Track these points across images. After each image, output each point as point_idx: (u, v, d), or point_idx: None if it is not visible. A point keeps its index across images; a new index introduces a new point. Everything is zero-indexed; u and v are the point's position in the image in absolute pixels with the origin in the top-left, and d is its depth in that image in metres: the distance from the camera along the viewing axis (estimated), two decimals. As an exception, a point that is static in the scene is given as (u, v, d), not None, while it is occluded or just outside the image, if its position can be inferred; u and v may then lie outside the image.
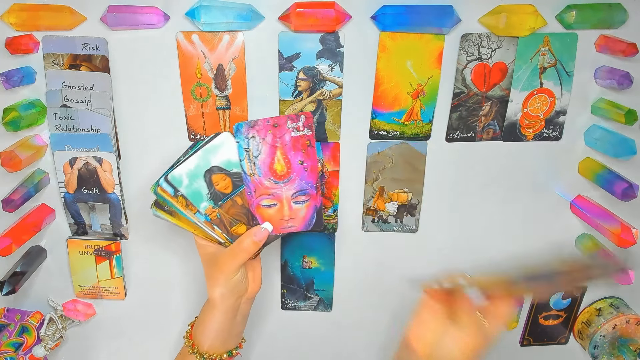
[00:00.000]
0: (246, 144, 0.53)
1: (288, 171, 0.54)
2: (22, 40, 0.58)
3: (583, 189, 0.70)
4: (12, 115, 0.58)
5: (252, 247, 0.54)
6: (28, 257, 0.67)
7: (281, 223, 0.56)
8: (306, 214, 0.57)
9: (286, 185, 0.55)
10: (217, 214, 0.55)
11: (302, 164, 0.54)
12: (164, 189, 0.53)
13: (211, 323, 0.56)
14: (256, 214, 0.56)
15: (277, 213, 0.56)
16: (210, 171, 0.53)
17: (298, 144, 0.54)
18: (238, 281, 0.55)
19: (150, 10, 0.58)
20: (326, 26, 0.58)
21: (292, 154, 0.54)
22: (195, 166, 0.53)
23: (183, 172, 0.53)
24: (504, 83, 0.63)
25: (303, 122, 0.53)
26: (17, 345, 0.67)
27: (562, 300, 0.77)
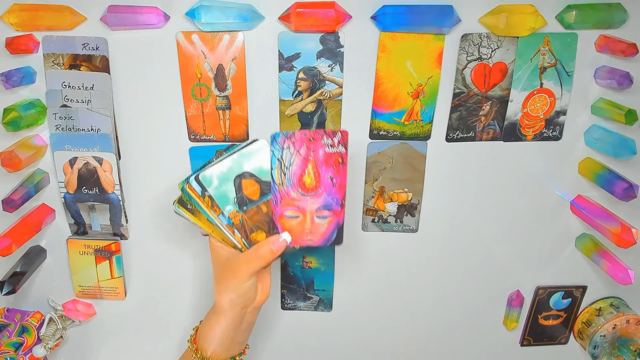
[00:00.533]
0: (280, 153, 0.53)
1: (316, 185, 0.54)
2: (22, 40, 0.58)
3: (583, 189, 0.70)
4: (12, 115, 0.58)
5: (269, 255, 0.54)
6: (28, 257, 0.67)
7: (301, 236, 0.56)
8: (327, 229, 0.56)
9: (312, 199, 0.55)
10: (240, 219, 0.55)
11: (331, 179, 0.54)
12: (192, 187, 0.53)
13: (216, 329, 0.55)
14: (278, 223, 0.55)
15: (299, 225, 0.56)
16: (241, 176, 0.54)
17: (330, 160, 0.54)
18: (248, 289, 0.55)
19: (150, 10, 0.58)
20: (326, 26, 0.58)
21: (323, 169, 0.54)
22: (227, 169, 0.53)
23: (215, 173, 0.53)
24: (504, 83, 0.63)
25: (339, 139, 0.53)
26: (17, 345, 0.67)
27: (562, 300, 0.77)
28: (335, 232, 0.57)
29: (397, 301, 0.76)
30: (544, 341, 0.81)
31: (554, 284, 0.76)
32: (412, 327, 0.79)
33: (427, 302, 0.77)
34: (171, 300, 0.75)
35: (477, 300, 0.77)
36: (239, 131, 0.64)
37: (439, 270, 0.75)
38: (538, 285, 0.76)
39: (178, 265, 0.72)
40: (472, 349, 0.82)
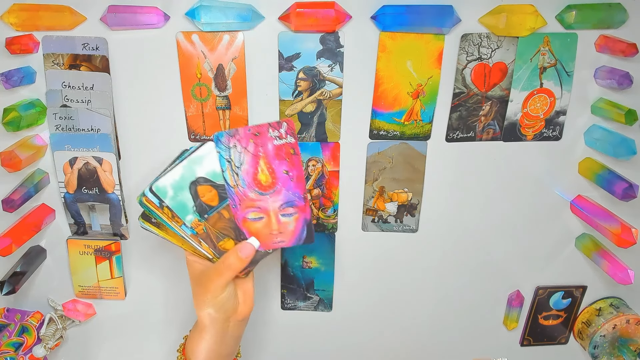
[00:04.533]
0: (227, 154, 0.50)
1: (273, 181, 0.51)
2: (22, 40, 0.58)
3: (583, 189, 0.70)
4: (12, 115, 0.58)
5: (238, 263, 0.51)
6: (28, 257, 0.67)
7: (270, 238, 0.53)
8: (295, 227, 0.53)
9: (272, 197, 0.52)
10: (203, 228, 0.52)
11: (287, 173, 0.51)
12: (149, 200, 0.50)
13: (201, 345, 0.54)
14: (243, 228, 0.53)
15: (265, 227, 0.53)
16: (195, 182, 0.50)
17: (282, 153, 0.51)
18: (225, 300, 0.53)
19: (150, 10, 0.58)
20: (326, 26, 0.58)
21: (276, 163, 0.51)
22: (180, 177, 0.50)
23: (168, 182, 0.50)
24: (504, 83, 0.63)
25: (285, 130, 0.51)
26: (17, 345, 0.67)
27: (562, 300, 0.77)
28: (305, 230, 0.54)
29: (397, 301, 0.76)
30: (544, 341, 0.81)
31: (554, 284, 0.76)
32: (412, 327, 0.79)
33: (427, 302, 0.77)
34: (171, 300, 0.75)
35: (477, 300, 0.77)
36: (239, 131, 0.64)
37: (439, 270, 0.75)
38: (538, 285, 0.76)
39: (178, 265, 0.72)
40: (472, 349, 0.82)
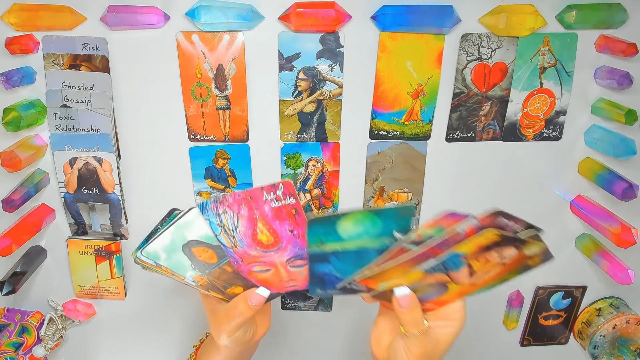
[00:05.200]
0: (218, 220, 0.46)
1: (276, 240, 0.48)
2: (22, 40, 0.58)
3: (583, 189, 0.70)
4: (12, 115, 0.58)
5: (248, 311, 0.49)
6: (28, 257, 0.67)
7: (281, 284, 0.51)
8: (307, 274, 0.50)
9: (277, 253, 0.49)
10: (207, 280, 0.50)
11: (291, 232, 0.48)
12: (143, 260, 0.47)
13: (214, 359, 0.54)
14: (250, 278, 0.50)
15: (274, 276, 0.50)
16: (188, 245, 0.47)
17: (282, 214, 0.47)
18: (242, 335, 0.51)
19: (150, 10, 0.58)
20: (326, 26, 0.58)
21: (277, 224, 0.48)
22: (170, 242, 0.47)
23: (158, 247, 0.47)
24: (504, 83, 0.63)
25: (283, 191, 0.47)
26: (17, 345, 0.67)
27: (562, 300, 0.77)
28: None
29: (397, 301, 0.76)
30: (544, 341, 0.81)
31: (554, 284, 0.76)
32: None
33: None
34: (171, 300, 0.75)
35: (477, 300, 0.77)
36: (238, 131, 0.64)
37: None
38: (538, 285, 0.76)
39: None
40: (472, 349, 0.82)
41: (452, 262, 0.43)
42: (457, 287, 0.46)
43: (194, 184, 0.67)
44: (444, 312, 0.48)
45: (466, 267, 0.43)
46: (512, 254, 0.42)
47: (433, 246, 0.42)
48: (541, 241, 0.43)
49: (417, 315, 0.46)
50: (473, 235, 0.40)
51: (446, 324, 0.47)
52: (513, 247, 0.42)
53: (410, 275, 0.45)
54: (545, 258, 0.45)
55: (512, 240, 0.41)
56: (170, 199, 0.68)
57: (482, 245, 0.41)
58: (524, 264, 0.45)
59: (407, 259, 0.43)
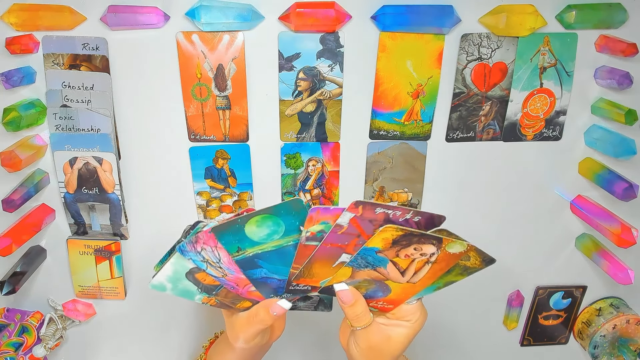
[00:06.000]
0: (200, 257, 0.47)
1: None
2: (22, 40, 0.58)
3: (583, 189, 0.70)
4: (12, 115, 0.58)
5: (269, 320, 0.50)
6: (28, 257, 0.67)
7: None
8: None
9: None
10: (215, 300, 0.51)
11: None
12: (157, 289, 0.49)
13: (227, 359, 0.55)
14: (252, 297, 0.51)
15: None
16: (191, 272, 0.48)
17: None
18: (260, 340, 0.53)
19: (150, 10, 0.58)
20: (326, 26, 0.58)
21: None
22: (173, 272, 0.48)
23: (162, 279, 0.48)
24: (504, 83, 0.63)
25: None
26: (17, 345, 0.67)
27: (562, 300, 0.77)
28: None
29: (397, 301, 0.76)
30: (544, 341, 0.81)
31: (554, 284, 0.76)
32: (412, 327, 0.79)
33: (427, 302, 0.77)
34: (171, 300, 0.75)
35: (477, 300, 0.77)
36: (239, 131, 0.64)
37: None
38: (538, 285, 0.76)
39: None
40: (472, 349, 0.82)
41: (373, 258, 0.45)
42: (398, 286, 0.48)
43: (194, 184, 0.67)
44: (399, 312, 0.50)
45: (391, 264, 0.46)
46: (433, 251, 0.44)
47: (329, 240, 0.44)
48: (459, 238, 0.45)
49: (358, 310, 0.48)
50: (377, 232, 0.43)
51: (399, 323, 0.50)
52: (429, 244, 0.44)
53: (341, 272, 0.47)
54: (485, 260, 0.47)
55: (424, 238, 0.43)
56: (171, 199, 0.68)
57: (388, 239, 0.43)
58: (461, 265, 0.47)
59: (317, 254, 0.45)
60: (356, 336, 0.50)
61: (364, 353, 0.50)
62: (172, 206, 0.68)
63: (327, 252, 0.45)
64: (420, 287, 0.49)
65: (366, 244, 0.44)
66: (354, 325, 0.49)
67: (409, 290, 0.49)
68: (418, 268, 0.46)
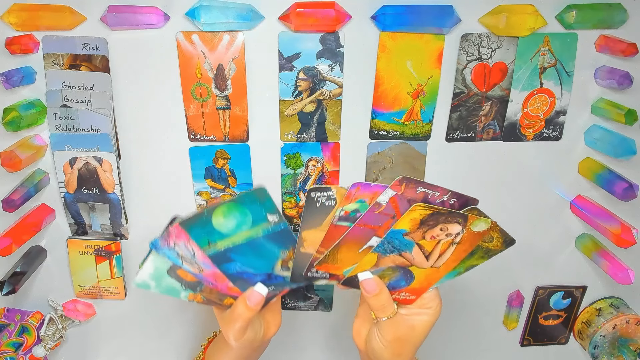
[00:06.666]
0: (173, 253, 0.47)
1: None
2: (22, 40, 0.58)
3: (583, 189, 0.70)
4: (12, 115, 0.58)
5: (247, 313, 0.49)
6: (28, 257, 0.67)
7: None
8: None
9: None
10: (201, 297, 0.50)
11: None
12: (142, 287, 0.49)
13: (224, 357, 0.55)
14: (232, 293, 0.50)
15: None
16: (172, 269, 0.48)
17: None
18: (252, 337, 0.52)
19: (150, 10, 0.58)
20: (326, 26, 0.58)
21: None
22: (154, 269, 0.48)
23: (145, 277, 0.48)
24: (504, 83, 0.63)
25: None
26: (17, 345, 0.67)
27: (562, 300, 0.77)
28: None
29: (397, 301, 0.76)
30: (544, 341, 0.81)
31: (554, 284, 0.76)
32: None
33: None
34: (171, 300, 0.75)
35: (477, 300, 0.77)
36: (239, 131, 0.64)
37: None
38: (538, 285, 0.76)
39: (178, 265, 0.72)
40: (472, 349, 0.82)
41: (399, 242, 0.45)
42: (421, 272, 0.48)
43: (194, 184, 0.67)
44: (420, 300, 0.50)
45: (417, 247, 0.45)
46: (458, 230, 0.44)
47: (363, 220, 0.43)
48: (484, 215, 0.45)
49: (383, 299, 0.48)
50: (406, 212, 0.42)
51: (421, 311, 0.50)
52: (456, 223, 0.44)
53: (366, 259, 0.47)
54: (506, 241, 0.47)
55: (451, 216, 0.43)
56: (170, 199, 0.68)
57: (417, 219, 0.43)
58: (483, 247, 0.47)
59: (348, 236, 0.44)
60: (381, 328, 0.49)
61: (390, 345, 0.49)
62: (172, 206, 0.68)
63: (358, 233, 0.44)
64: (443, 272, 0.48)
65: (395, 225, 0.43)
66: (379, 315, 0.48)
67: (432, 277, 0.48)
68: (442, 250, 0.46)
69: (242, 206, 0.45)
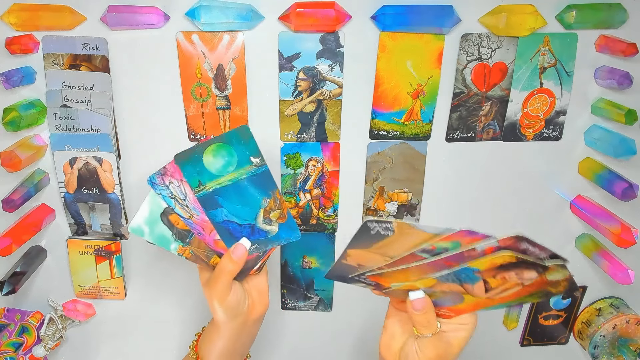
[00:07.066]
0: (168, 192, 0.49)
1: None
2: (22, 40, 0.58)
3: (583, 189, 0.70)
4: (12, 115, 0.58)
5: (232, 266, 0.50)
6: (28, 257, 0.67)
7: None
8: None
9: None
10: (190, 251, 0.52)
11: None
12: (136, 234, 0.50)
13: (216, 343, 0.54)
14: (218, 249, 0.52)
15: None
16: (165, 213, 0.50)
17: None
18: (235, 304, 0.52)
19: (150, 10, 0.58)
20: (326, 26, 0.58)
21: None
22: (149, 212, 0.50)
23: (140, 221, 0.50)
24: (504, 83, 0.63)
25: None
26: (17, 345, 0.67)
27: (562, 300, 0.77)
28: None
29: (397, 301, 0.76)
30: (544, 341, 0.81)
31: (554, 284, 0.76)
32: (412, 327, 0.79)
33: (427, 302, 0.77)
34: (171, 300, 0.75)
35: (477, 300, 0.77)
36: (239, 131, 0.64)
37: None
38: (538, 285, 0.76)
39: (178, 265, 0.72)
40: (472, 349, 0.81)
41: (466, 276, 0.43)
42: (472, 299, 0.46)
43: (194, 184, 0.67)
44: (458, 318, 0.48)
45: (481, 282, 0.43)
46: (533, 276, 0.42)
47: (449, 258, 0.42)
48: (566, 269, 0.42)
49: (431, 317, 0.46)
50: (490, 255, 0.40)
51: (459, 327, 0.48)
52: (534, 270, 0.41)
53: (423, 280, 0.45)
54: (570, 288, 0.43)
55: (532, 265, 0.41)
56: (170, 199, 0.68)
57: (496, 264, 0.41)
58: (545, 290, 0.44)
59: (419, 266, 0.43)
60: (422, 344, 0.48)
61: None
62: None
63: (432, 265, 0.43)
64: (495, 303, 0.46)
65: (470, 263, 0.41)
66: (423, 332, 0.47)
67: (481, 304, 0.46)
68: (507, 288, 0.44)
69: (229, 146, 0.47)
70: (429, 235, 0.41)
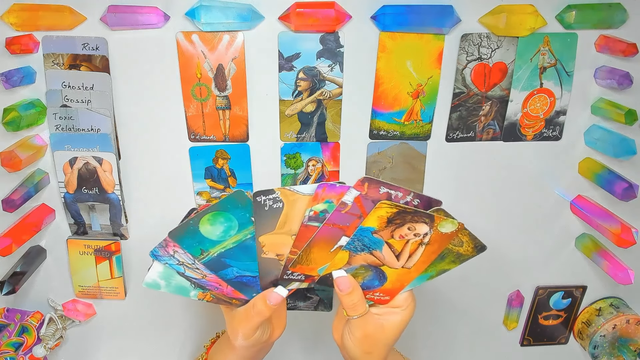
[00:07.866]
0: (175, 260, 0.48)
1: None
2: (22, 40, 0.58)
3: (583, 189, 0.70)
4: (12, 115, 0.58)
5: (267, 311, 0.50)
6: (28, 257, 0.67)
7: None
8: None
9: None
10: (211, 295, 0.51)
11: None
12: (151, 288, 0.49)
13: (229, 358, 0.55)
14: (240, 297, 0.51)
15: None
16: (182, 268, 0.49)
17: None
18: (260, 336, 0.52)
19: (150, 10, 0.58)
20: (326, 26, 0.58)
21: None
22: (163, 269, 0.49)
23: (155, 276, 0.49)
24: (504, 83, 0.63)
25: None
26: (17, 345, 0.67)
27: (562, 300, 0.77)
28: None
29: (397, 301, 0.76)
30: (544, 341, 0.81)
31: (554, 284, 0.76)
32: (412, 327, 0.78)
33: (427, 302, 0.77)
34: (171, 300, 0.75)
35: (477, 300, 0.77)
36: (239, 131, 0.64)
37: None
38: (538, 285, 0.76)
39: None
40: (472, 349, 0.82)
41: (369, 240, 0.46)
42: (394, 273, 0.48)
43: (194, 184, 0.67)
44: (393, 301, 0.50)
45: (387, 246, 0.46)
46: (426, 230, 0.45)
47: (331, 219, 0.45)
48: (450, 216, 0.45)
49: (355, 298, 0.49)
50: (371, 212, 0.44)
51: (392, 311, 0.50)
52: (423, 223, 0.45)
53: (338, 258, 0.48)
54: (477, 247, 0.48)
55: (415, 215, 0.44)
56: (170, 199, 0.68)
57: (383, 217, 0.44)
58: (453, 251, 0.48)
59: (318, 236, 0.46)
60: (351, 325, 0.51)
61: (359, 342, 0.50)
62: (172, 206, 0.68)
63: (327, 233, 0.45)
64: (415, 274, 0.49)
65: (362, 222, 0.44)
66: (350, 314, 0.50)
67: (404, 278, 0.49)
68: (412, 250, 0.47)
69: (225, 212, 0.46)
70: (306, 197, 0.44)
